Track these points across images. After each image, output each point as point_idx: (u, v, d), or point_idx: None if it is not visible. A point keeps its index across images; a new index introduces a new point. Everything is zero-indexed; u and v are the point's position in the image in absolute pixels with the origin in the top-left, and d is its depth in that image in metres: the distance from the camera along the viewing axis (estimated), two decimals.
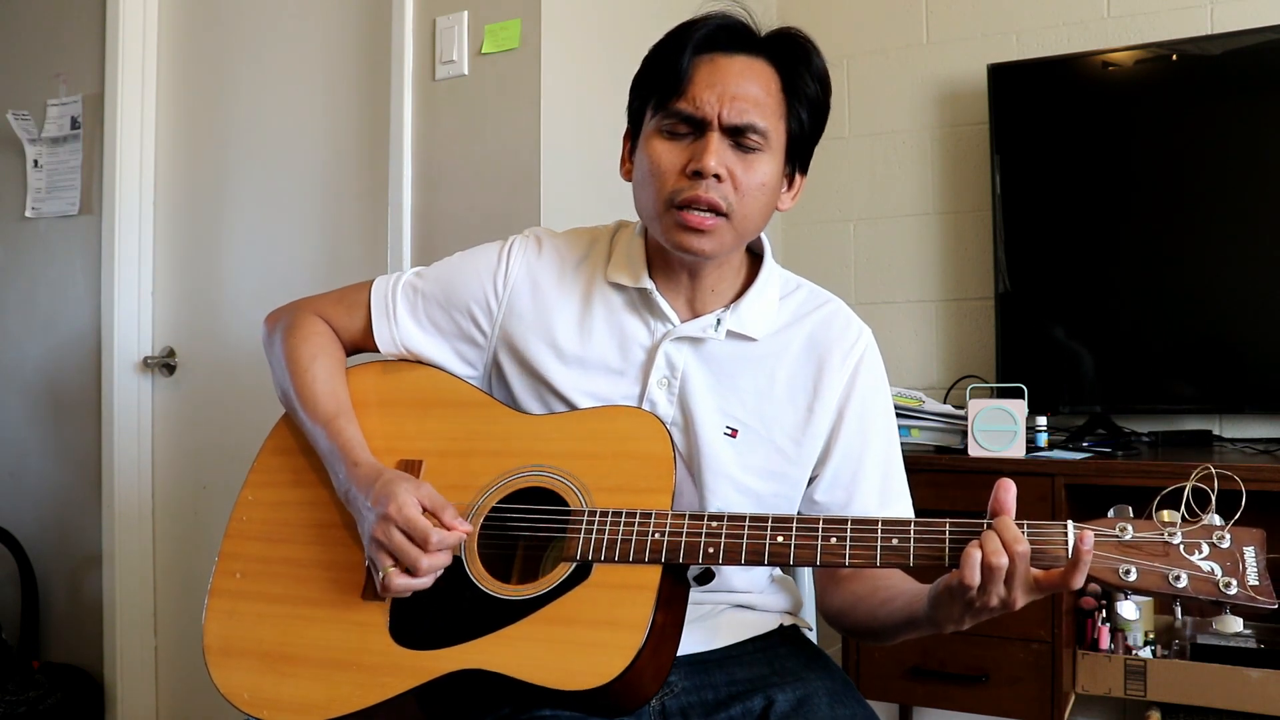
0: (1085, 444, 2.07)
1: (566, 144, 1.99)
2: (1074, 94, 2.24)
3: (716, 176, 1.08)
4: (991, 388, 2.17)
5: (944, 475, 1.95)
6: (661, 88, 1.11)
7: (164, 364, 2.43)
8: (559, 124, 1.96)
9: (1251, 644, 2.01)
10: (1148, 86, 2.19)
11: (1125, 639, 1.99)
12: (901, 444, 2.03)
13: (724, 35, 1.11)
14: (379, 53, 2.13)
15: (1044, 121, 2.28)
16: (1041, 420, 2.03)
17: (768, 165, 1.11)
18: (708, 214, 1.09)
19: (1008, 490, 0.95)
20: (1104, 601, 2.05)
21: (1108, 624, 2.01)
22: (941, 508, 1.87)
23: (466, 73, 2.02)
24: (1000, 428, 1.92)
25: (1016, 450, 1.91)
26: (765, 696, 1.10)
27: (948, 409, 2.06)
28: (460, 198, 2.02)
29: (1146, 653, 1.97)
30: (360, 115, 2.18)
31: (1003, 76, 2.31)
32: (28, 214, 2.56)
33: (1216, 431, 2.19)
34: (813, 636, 1.30)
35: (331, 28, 2.23)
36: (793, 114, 1.13)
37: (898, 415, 2.04)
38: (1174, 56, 2.16)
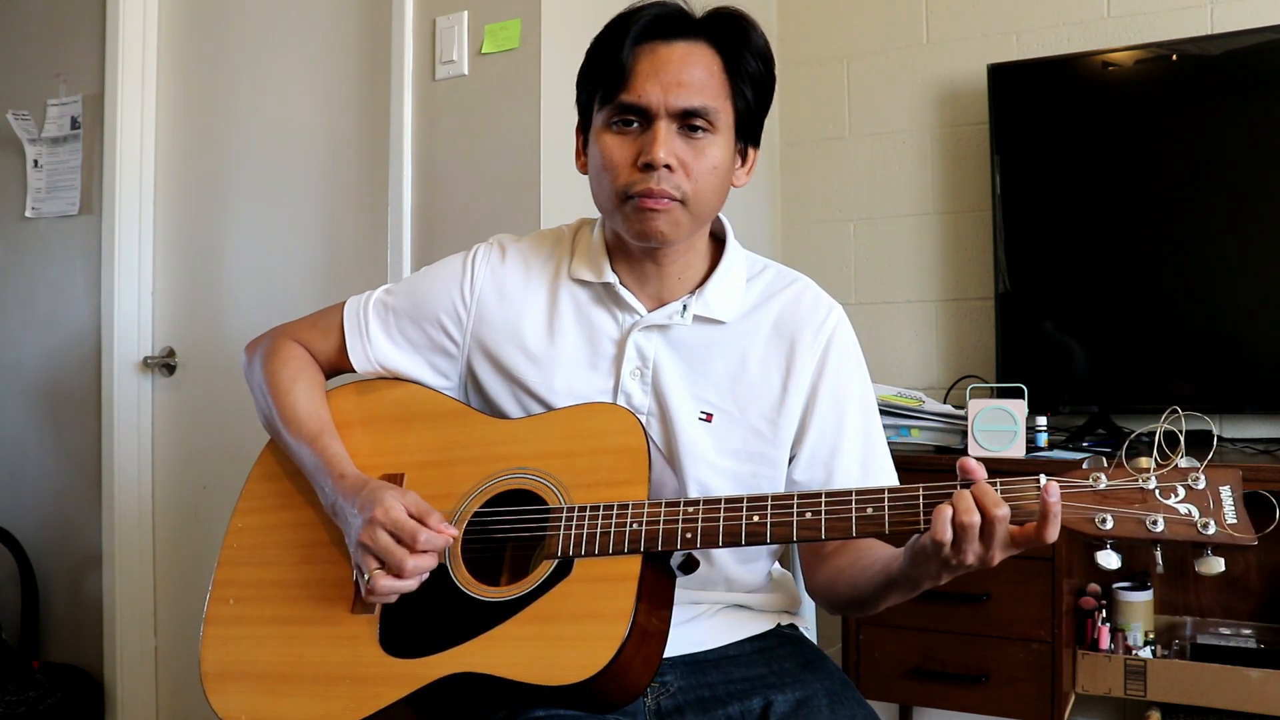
0: (1085, 444, 2.07)
1: (566, 144, 1.97)
2: (1074, 94, 2.24)
3: (668, 167, 1.09)
4: (991, 388, 2.17)
5: (944, 475, 1.94)
6: (605, 81, 1.12)
7: (164, 364, 2.43)
8: (559, 124, 1.96)
9: (1251, 644, 2.01)
10: (1148, 86, 2.19)
11: (1125, 639, 1.99)
12: (901, 444, 2.05)
13: (662, 23, 1.11)
14: (379, 53, 2.13)
15: (1044, 121, 2.28)
16: (1041, 420, 2.03)
17: (718, 148, 1.12)
18: (662, 199, 1.10)
19: (973, 465, 0.95)
20: (1104, 602, 2.05)
21: (1108, 624, 2.01)
22: None
23: (466, 73, 2.02)
24: (1000, 428, 1.92)
25: (1016, 450, 1.91)
26: (764, 698, 1.10)
27: (948, 409, 2.06)
28: (460, 198, 2.02)
29: (1146, 653, 1.98)
30: (360, 115, 2.18)
31: (1003, 76, 2.31)
32: (28, 214, 2.56)
33: (1216, 431, 2.19)
34: (811, 636, 1.30)
35: (331, 28, 2.23)
36: (738, 93, 1.13)
37: (898, 415, 2.05)
38: (1174, 56, 2.16)
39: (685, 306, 1.18)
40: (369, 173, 2.15)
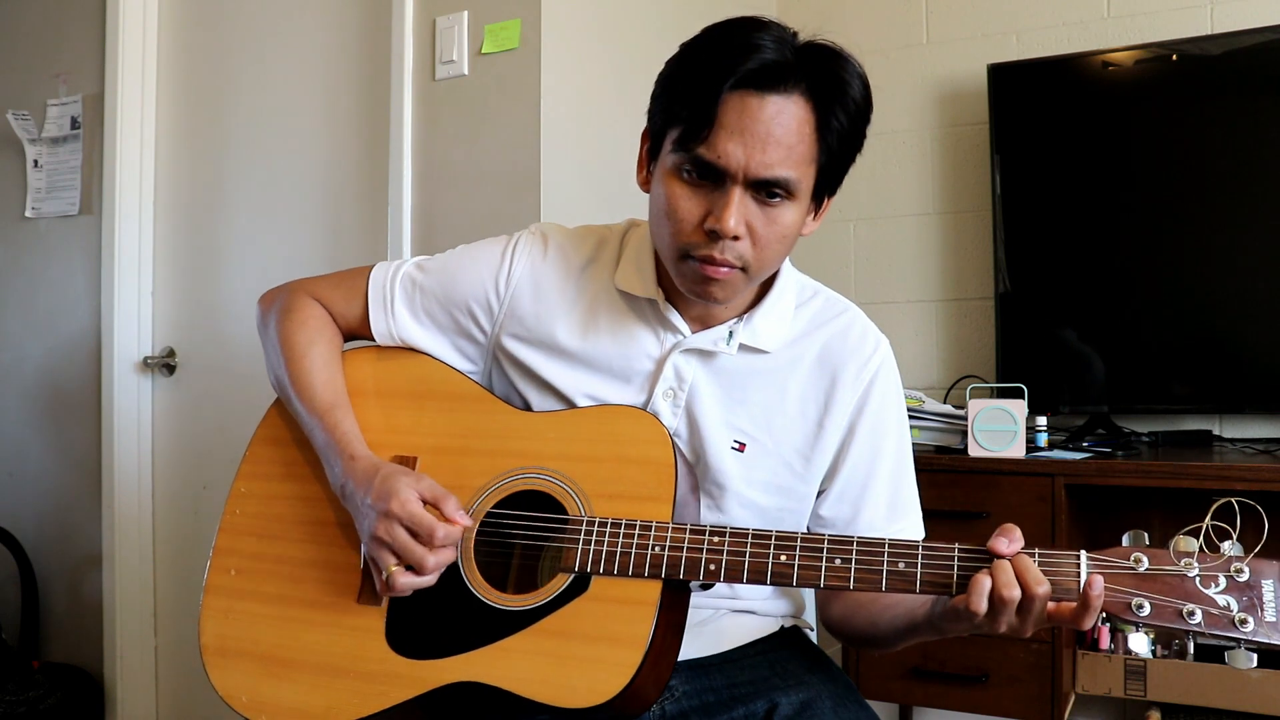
0: (1085, 444, 2.07)
1: (566, 144, 1.98)
2: (1074, 94, 2.24)
3: (735, 237, 1.02)
4: (991, 388, 2.17)
5: (944, 475, 1.95)
6: (686, 120, 1.02)
7: (164, 364, 2.43)
8: (559, 124, 1.96)
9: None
10: (1148, 86, 2.19)
11: (1125, 639, 1.99)
12: None
13: (758, 76, 1.00)
14: (379, 53, 2.13)
15: (1044, 121, 2.28)
16: (1041, 420, 2.03)
17: (791, 214, 1.05)
18: (723, 267, 1.04)
19: (1016, 533, 0.92)
20: None
21: (1108, 624, 2.01)
22: (941, 508, 1.88)
23: (466, 73, 2.01)
24: (1000, 428, 1.92)
25: (1016, 450, 1.90)
26: (768, 700, 1.09)
27: (948, 409, 2.06)
28: (460, 198, 2.02)
29: (1146, 653, 1.97)
30: (360, 115, 2.17)
31: (1003, 76, 2.31)
32: (28, 214, 2.56)
33: (1216, 431, 2.19)
34: (813, 637, 1.29)
35: (331, 28, 2.23)
36: (823, 150, 1.05)
37: None
38: (1174, 56, 2.16)
39: (731, 334, 1.14)
40: (369, 173, 2.15)
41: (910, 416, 2.03)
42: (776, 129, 1.00)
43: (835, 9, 2.64)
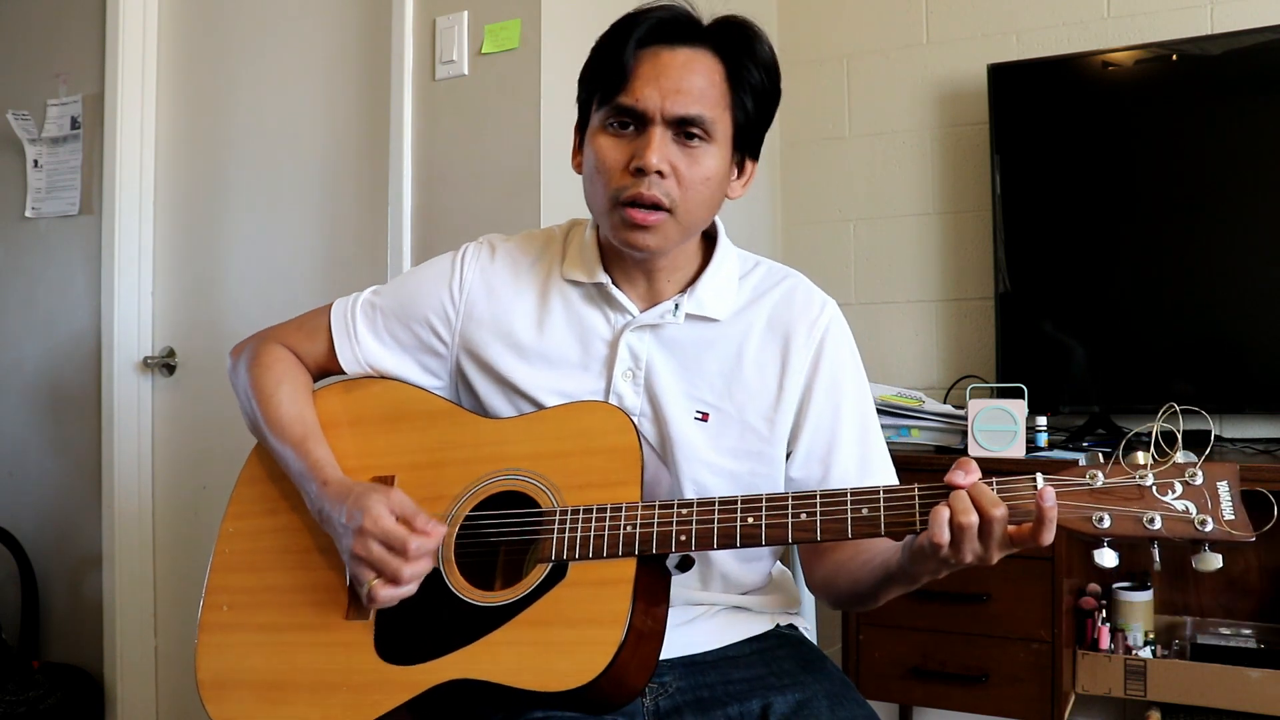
0: (1085, 444, 2.07)
1: (566, 144, 1.97)
2: (1074, 94, 2.24)
3: (659, 173, 1.08)
4: (991, 388, 2.17)
5: (943, 475, 1.94)
6: (605, 82, 1.11)
7: (164, 364, 2.43)
8: (559, 124, 1.96)
9: (1251, 644, 2.01)
10: (1148, 86, 2.19)
11: (1125, 639, 1.99)
12: (901, 444, 2.05)
13: (666, 28, 1.10)
14: (379, 53, 2.13)
15: (1044, 121, 2.28)
16: (1041, 420, 2.03)
17: (712, 158, 1.11)
18: (651, 210, 1.09)
19: (972, 465, 0.95)
20: (1104, 602, 2.05)
21: (1108, 624, 2.01)
22: None
23: (466, 73, 2.02)
24: (1000, 428, 1.92)
25: (1016, 450, 1.91)
26: (763, 699, 1.10)
27: (948, 409, 2.06)
28: (460, 198, 2.02)
29: (1146, 653, 1.98)
30: (360, 115, 2.18)
31: (1003, 76, 2.31)
32: (28, 214, 2.56)
33: (1217, 431, 2.19)
34: (811, 636, 1.29)
35: (331, 28, 2.23)
36: (738, 104, 1.12)
37: (898, 415, 2.05)
38: (1174, 56, 2.16)
39: (677, 305, 1.17)
40: (369, 173, 2.15)
41: (910, 416, 2.04)
42: (688, 73, 1.09)
43: (835, 9, 2.64)
